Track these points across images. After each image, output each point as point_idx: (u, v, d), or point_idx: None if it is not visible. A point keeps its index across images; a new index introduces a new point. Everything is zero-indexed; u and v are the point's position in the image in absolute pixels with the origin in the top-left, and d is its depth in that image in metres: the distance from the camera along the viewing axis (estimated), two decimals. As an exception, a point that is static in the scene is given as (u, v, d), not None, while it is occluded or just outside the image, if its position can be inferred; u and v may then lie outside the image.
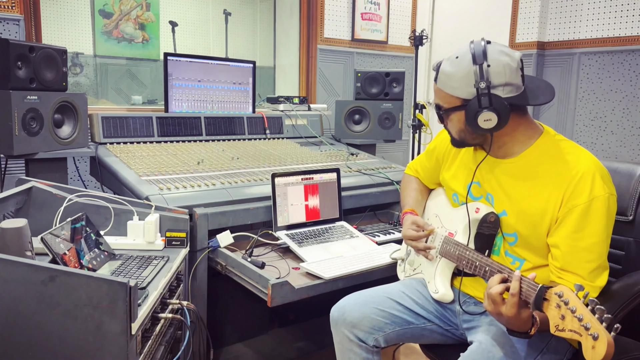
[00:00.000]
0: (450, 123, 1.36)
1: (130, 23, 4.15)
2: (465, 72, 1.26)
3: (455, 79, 1.28)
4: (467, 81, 1.26)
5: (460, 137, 1.37)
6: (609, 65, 3.35)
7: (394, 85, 3.02)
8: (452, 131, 1.38)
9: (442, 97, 1.33)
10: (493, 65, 1.23)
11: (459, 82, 1.27)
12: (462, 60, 1.27)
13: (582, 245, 1.21)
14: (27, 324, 1.10)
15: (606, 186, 1.23)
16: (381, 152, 3.82)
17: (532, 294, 1.08)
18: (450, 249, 1.43)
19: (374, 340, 1.45)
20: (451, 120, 1.35)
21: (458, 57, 1.28)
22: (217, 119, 2.69)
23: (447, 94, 1.31)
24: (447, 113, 1.34)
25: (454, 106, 1.31)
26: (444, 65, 1.31)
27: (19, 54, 1.87)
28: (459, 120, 1.32)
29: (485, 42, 1.27)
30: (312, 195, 2.05)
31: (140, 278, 1.33)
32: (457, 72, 1.27)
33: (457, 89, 1.28)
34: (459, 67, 1.27)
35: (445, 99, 1.32)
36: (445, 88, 1.31)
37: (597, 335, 0.92)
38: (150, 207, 1.67)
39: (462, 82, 1.27)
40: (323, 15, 3.66)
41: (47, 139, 1.98)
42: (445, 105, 1.33)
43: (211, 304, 1.87)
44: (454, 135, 1.39)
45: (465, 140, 1.38)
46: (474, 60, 1.24)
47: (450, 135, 1.41)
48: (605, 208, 1.21)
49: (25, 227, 1.24)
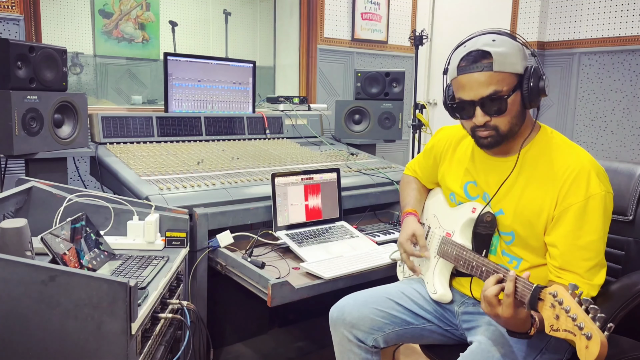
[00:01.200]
0: (510, 108, 1.27)
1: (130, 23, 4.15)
2: (516, 47, 1.27)
3: (512, 55, 1.26)
4: (522, 54, 1.28)
5: (511, 125, 1.29)
6: (609, 65, 3.35)
7: (394, 85, 3.02)
8: (507, 119, 1.28)
9: (502, 81, 1.25)
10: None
11: (516, 56, 1.26)
12: (503, 39, 1.28)
13: (579, 244, 1.22)
14: (27, 324, 1.10)
15: (602, 184, 1.23)
16: (381, 152, 3.82)
17: (527, 294, 1.09)
18: (448, 249, 1.43)
19: (373, 340, 1.45)
20: (512, 103, 1.27)
21: (495, 40, 1.27)
22: (217, 119, 2.69)
23: (508, 74, 1.26)
24: (509, 96, 1.26)
25: (514, 85, 1.27)
26: (493, 49, 1.25)
27: (19, 54, 1.87)
28: (515, 102, 1.27)
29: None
30: (312, 195, 2.05)
31: (140, 278, 1.33)
32: (510, 49, 1.26)
33: (516, 64, 1.26)
34: (508, 45, 1.27)
35: (506, 80, 1.26)
36: (507, 67, 1.25)
37: (590, 335, 0.92)
38: (150, 207, 1.67)
39: (519, 56, 1.27)
40: (323, 15, 3.66)
41: (47, 139, 1.98)
42: (506, 88, 1.26)
43: (211, 304, 1.88)
44: (504, 127, 1.29)
45: (513, 129, 1.30)
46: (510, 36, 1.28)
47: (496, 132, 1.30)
48: (602, 206, 1.21)
49: (25, 227, 1.25)
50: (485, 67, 1.25)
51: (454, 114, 1.36)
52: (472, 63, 1.26)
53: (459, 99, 1.31)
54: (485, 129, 1.30)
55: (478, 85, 1.26)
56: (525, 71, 1.27)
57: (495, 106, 1.26)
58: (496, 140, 1.31)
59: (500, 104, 1.26)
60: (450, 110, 1.37)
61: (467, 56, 1.28)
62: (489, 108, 1.27)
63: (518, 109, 1.28)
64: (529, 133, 1.33)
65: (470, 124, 1.33)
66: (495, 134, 1.30)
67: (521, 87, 1.27)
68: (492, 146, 1.33)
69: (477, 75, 1.26)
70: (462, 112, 1.32)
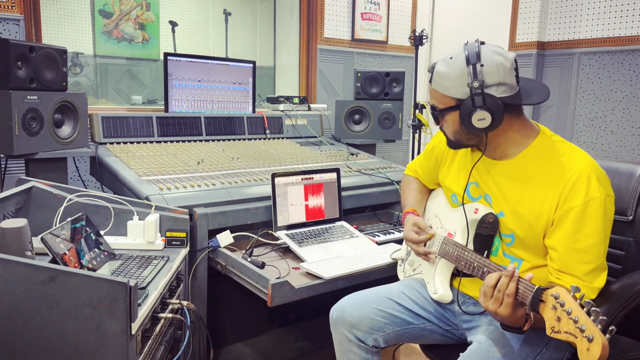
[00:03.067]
0: (446, 124, 1.37)
1: (130, 23, 4.15)
2: (459, 72, 1.27)
3: (449, 79, 1.29)
4: (460, 81, 1.27)
5: (455, 138, 1.38)
6: (609, 65, 3.35)
7: (394, 85, 3.02)
8: (448, 132, 1.39)
9: (437, 98, 1.34)
10: (486, 65, 1.24)
11: (453, 81, 1.28)
12: (455, 61, 1.28)
13: (579, 247, 1.22)
14: (27, 324, 1.10)
15: (602, 187, 1.23)
16: (381, 152, 3.82)
17: (528, 295, 1.09)
18: (450, 249, 1.43)
19: (373, 340, 1.45)
20: (446, 121, 1.36)
21: (452, 58, 1.30)
22: (217, 119, 2.69)
23: (442, 95, 1.32)
24: (441, 114, 1.36)
25: (448, 106, 1.32)
26: (439, 66, 1.32)
27: (19, 54, 1.87)
28: (454, 120, 1.33)
29: (479, 43, 1.28)
30: (312, 195, 2.05)
31: (140, 278, 1.33)
32: (451, 73, 1.28)
33: (451, 88, 1.29)
34: (453, 68, 1.28)
35: (439, 99, 1.34)
36: (440, 88, 1.32)
37: (592, 337, 0.92)
38: (150, 207, 1.67)
39: (456, 82, 1.28)
40: (323, 15, 3.67)
41: (47, 139, 1.98)
42: (439, 105, 1.35)
43: (211, 304, 1.88)
44: (450, 136, 1.39)
45: (460, 141, 1.38)
46: (468, 61, 1.26)
47: (445, 136, 1.42)
48: (601, 210, 1.21)
49: (25, 227, 1.24)
50: (430, 79, 1.36)
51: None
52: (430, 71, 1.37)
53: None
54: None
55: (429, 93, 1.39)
56: (460, 99, 1.28)
57: (435, 117, 1.40)
58: (451, 144, 1.42)
59: (436, 117, 1.39)
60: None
61: (434, 63, 1.37)
62: (434, 116, 1.40)
63: (457, 127, 1.34)
64: (528, 136, 1.33)
65: None
66: (447, 139, 1.41)
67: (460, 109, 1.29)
68: (451, 147, 1.44)
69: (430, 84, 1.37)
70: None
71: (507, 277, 1.14)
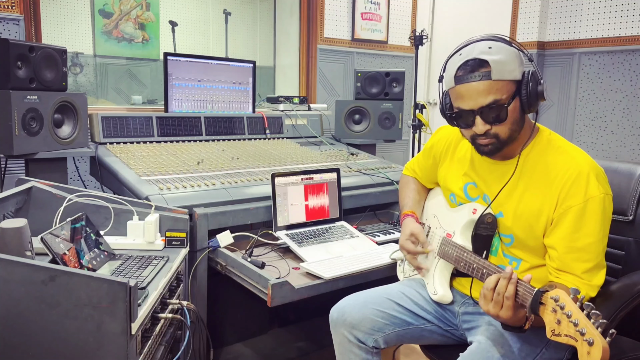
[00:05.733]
0: (510, 116, 1.26)
1: (130, 23, 4.15)
2: (513, 53, 1.25)
3: (509, 62, 1.24)
4: (519, 60, 1.25)
5: (511, 130, 1.28)
6: (609, 65, 3.35)
7: (394, 85, 3.02)
8: (504, 129, 1.27)
9: (501, 89, 1.23)
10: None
11: (513, 63, 1.24)
12: (499, 46, 1.25)
13: (578, 246, 1.22)
14: (27, 324, 1.10)
15: (601, 186, 1.23)
16: (381, 152, 3.82)
17: (528, 297, 1.09)
18: (449, 250, 1.43)
19: (373, 341, 1.45)
20: (511, 111, 1.25)
21: (491, 47, 1.25)
22: (217, 119, 2.69)
23: (506, 82, 1.24)
24: (509, 104, 1.25)
25: (512, 93, 1.25)
26: (490, 57, 1.23)
27: (19, 54, 1.87)
28: (515, 108, 1.26)
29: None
30: (312, 195, 2.05)
31: (140, 278, 1.33)
32: (507, 56, 1.24)
33: (514, 70, 1.24)
34: (505, 52, 1.24)
35: (504, 89, 1.24)
36: (505, 75, 1.23)
37: (592, 340, 0.92)
38: (150, 207, 1.67)
39: (516, 62, 1.25)
40: (323, 15, 3.66)
41: (47, 139, 1.98)
42: (505, 96, 1.24)
43: (211, 304, 1.87)
44: (505, 135, 1.28)
45: (513, 136, 1.29)
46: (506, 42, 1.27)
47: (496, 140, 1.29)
48: (600, 208, 1.21)
49: (25, 227, 1.24)
50: (484, 76, 1.22)
51: (453, 123, 1.35)
52: (469, 72, 1.24)
53: (457, 109, 1.30)
54: (486, 137, 1.28)
55: (477, 95, 1.24)
56: (523, 77, 1.25)
57: (495, 115, 1.25)
58: (497, 147, 1.30)
59: (499, 112, 1.25)
60: (448, 119, 1.36)
61: (464, 65, 1.26)
62: (488, 117, 1.25)
63: (517, 115, 1.27)
64: (528, 136, 1.33)
65: (470, 133, 1.31)
66: (495, 141, 1.29)
67: (520, 93, 1.25)
68: (492, 153, 1.32)
69: (476, 84, 1.23)
70: (461, 121, 1.31)
71: (505, 280, 1.13)
